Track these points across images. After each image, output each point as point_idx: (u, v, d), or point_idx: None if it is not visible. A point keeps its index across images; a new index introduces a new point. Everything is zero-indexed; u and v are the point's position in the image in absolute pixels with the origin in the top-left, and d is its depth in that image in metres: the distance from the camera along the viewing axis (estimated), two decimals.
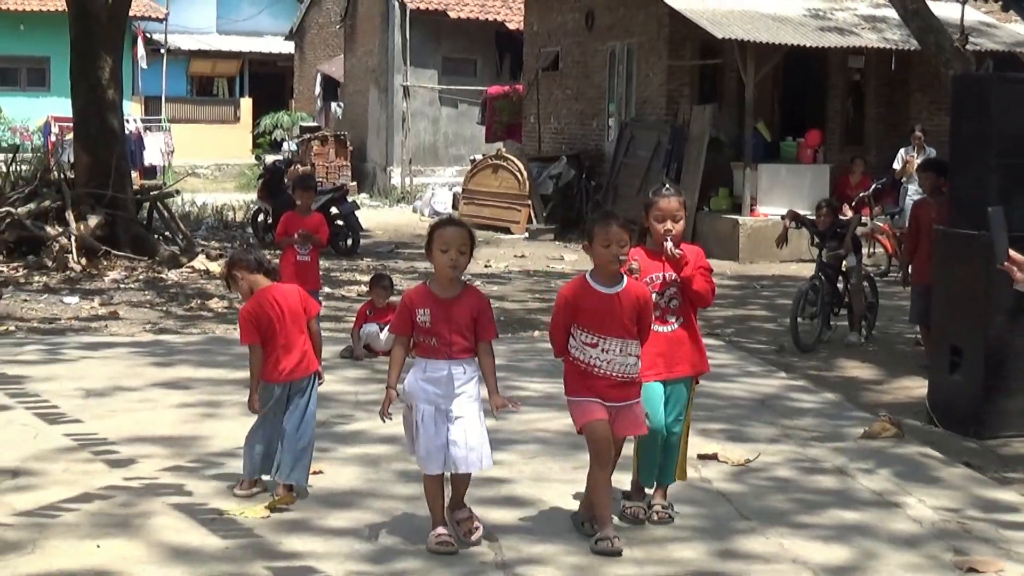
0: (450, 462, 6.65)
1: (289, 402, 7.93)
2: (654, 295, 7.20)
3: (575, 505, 7.72)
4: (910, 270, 13.17)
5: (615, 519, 7.09)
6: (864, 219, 17.16)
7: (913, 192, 18.57)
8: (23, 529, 7.29)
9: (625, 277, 6.82)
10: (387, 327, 12.77)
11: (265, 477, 7.96)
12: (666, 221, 7.08)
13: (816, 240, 14.36)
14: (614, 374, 6.73)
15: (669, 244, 7.04)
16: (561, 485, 8.28)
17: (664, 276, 7.18)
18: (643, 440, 7.29)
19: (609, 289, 6.72)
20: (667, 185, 7.78)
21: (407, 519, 7.60)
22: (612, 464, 6.97)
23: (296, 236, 12.41)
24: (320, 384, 8.20)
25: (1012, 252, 5.15)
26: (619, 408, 6.75)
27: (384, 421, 6.85)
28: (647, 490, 7.47)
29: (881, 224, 19.67)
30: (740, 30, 22.35)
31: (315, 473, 8.37)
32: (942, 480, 8.82)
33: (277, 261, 10.96)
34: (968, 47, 18.30)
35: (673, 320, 7.28)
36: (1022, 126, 10.33)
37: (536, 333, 14.16)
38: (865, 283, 14.42)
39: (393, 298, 13.32)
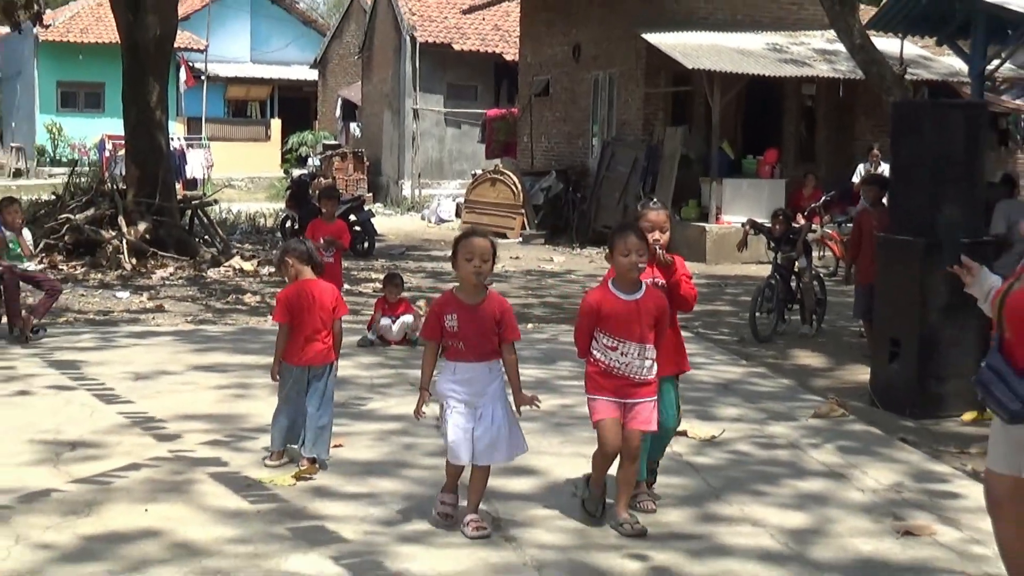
0: (476, 455, 6.52)
1: (309, 385, 7.93)
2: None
3: (565, 474, 7.75)
4: (854, 271, 13.17)
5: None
6: (815, 227, 17.14)
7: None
8: (81, 494, 7.34)
9: (644, 285, 6.63)
10: (399, 319, 12.81)
11: (292, 446, 8.00)
12: (655, 231, 6.85)
13: (772, 245, 14.38)
14: (632, 375, 6.56)
15: (661, 251, 6.86)
16: (551, 457, 8.29)
17: (653, 282, 6.91)
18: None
19: (630, 296, 6.54)
20: (654, 199, 7.75)
21: (416, 487, 7.63)
22: (612, 460, 6.73)
23: (322, 241, 12.37)
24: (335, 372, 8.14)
25: (965, 258, 5.16)
26: (635, 404, 6.58)
27: (418, 419, 6.79)
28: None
29: (830, 231, 19.68)
30: (708, 61, 22.35)
31: (336, 447, 8.38)
32: (883, 454, 8.83)
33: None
34: (907, 77, 18.32)
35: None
36: (952, 146, 10.35)
37: (530, 326, 14.10)
38: (815, 282, 14.42)
39: (404, 294, 13.33)
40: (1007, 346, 5.02)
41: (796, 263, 14.19)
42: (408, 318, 12.86)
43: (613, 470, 6.83)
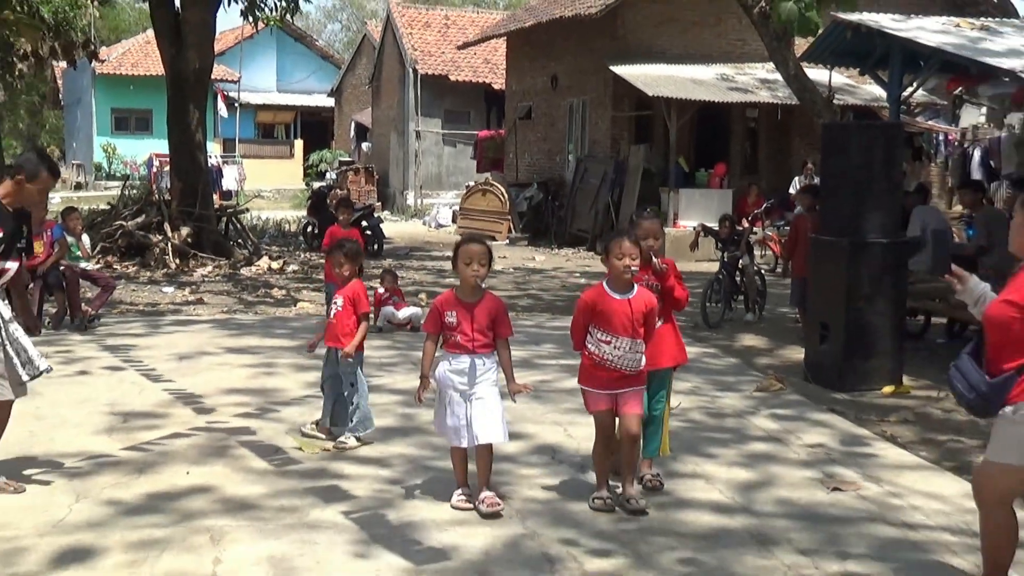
0: (471, 436, 6.28)
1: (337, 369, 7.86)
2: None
3: (547, 439, 7.76)
4: (790, 266, 13.20)
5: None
6: (756, 230, 17.16)
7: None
8: (135, 458, 7.38)
9: (636, 286, 6.32)
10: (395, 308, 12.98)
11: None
12: (648, 238, 6.63)
13: (719, 245, 14.42)
14: (623, 368, 6.25)
15: (657, 260, 6.67)
16: (534, 425, 8.32)
17: (648, 284, 6.64)
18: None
19: (622, 296, 6.23)
20: (648, 209, 7.61)
21: (418, 451, 7.65)
22: (611, 447, 6.46)
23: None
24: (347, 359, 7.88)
25: (956, 268, 5.08)
26: (626, 393, 6.29)
27: (419, 402, 6.68)
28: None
29: (770, 233, 19.71)
30: (666, 89, 22.38)
31: None
32: (815, 421, 8.88)
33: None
34: (835, 102, 18.34)
35: (657, 321, 6.65)
36: (874, 161, 10.37)
37: (512, 314, 14.11)
38: (757, 277, 14.46)
39: (410, 287, 13.41)
40: (985, 347, 4.87)
41: (740, 261, 14.24)
42: (415, 310, 12.97)
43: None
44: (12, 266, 6.34)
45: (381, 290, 13.18)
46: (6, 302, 6.38)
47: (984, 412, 4.78)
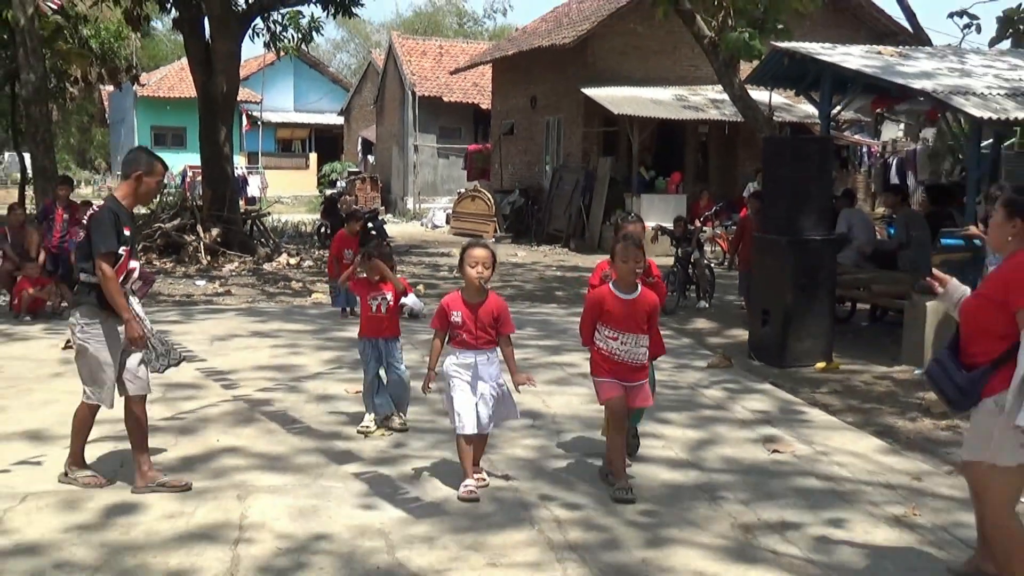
0: (480, 424, 5.94)
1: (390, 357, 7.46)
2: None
3: (530, 406, 7.77)
4: (736, 261, 13.23)
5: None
6: (706, 229, 17.21)
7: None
8: (168, 429, 7.37)
9: (640, 286, 6.00)
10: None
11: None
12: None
13: (674, 242, 14.44)
14: (629, 361, 5.90)
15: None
16: (515, 395, 8.34)
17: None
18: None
19: (628, 295, 5.90)
20: (632, 213, 7.26)
21: (418, 418, 7.67)
22: (625, 430, 6.09)
23: (348, 253, 12.50)
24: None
25: (936, 272, 4.85)
26: (633, 387, 5.94)
27: (426, 394, 6.32)
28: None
29: (719, 232, 19.78)
30: (629, 108, 22.38)
31: (356, 393, 8.42)
32: (757, 392, 8.93)
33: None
34: (774, 119, 18.43)
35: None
36: (807, 169, 10.42)
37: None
38: (707, 270, 14.48)
39: (408, 280, 13.32)
40: (962, 342, 4.50)
41: (692, 256, 14.28)
42: (412, 297, 12.93)
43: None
44: (135, 265, 6.00)
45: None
46: (138, 300, 6.06)
47: (961, 406, 4.35)
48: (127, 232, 5.88)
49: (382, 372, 7.47)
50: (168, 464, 6.43)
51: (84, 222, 13.02)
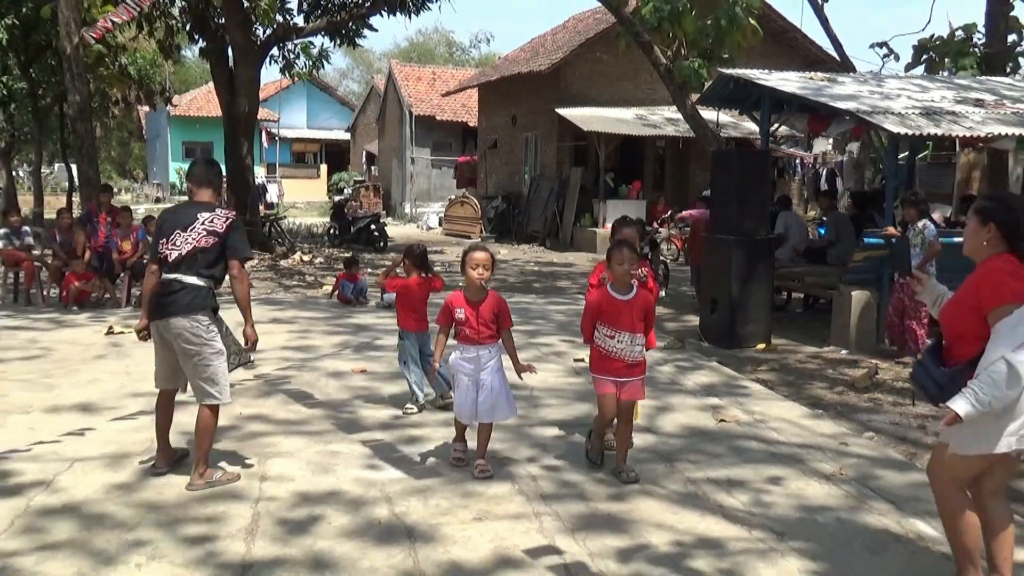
0: (480, 415, 5.65)
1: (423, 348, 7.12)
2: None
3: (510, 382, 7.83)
4: (689, 257, 13.24)
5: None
6: (662, 230, 17.20)
7: None
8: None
9: (635, 287, 5.65)
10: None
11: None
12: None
13: None
14: (626, 358, 5.56)
15: (641, 271, 5.99)
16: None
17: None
18: None
19: (624, 296, 5.56)
20: (628, 218, 6.83)
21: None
22: (608, 424, 5.77)
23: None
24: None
25: (916, 272, 4.51)
26: (628, 382, 5.58)
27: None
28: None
29: (674, 232, 19.82)
30: (597, 126, 22.36)
31: (361, 372, 8.39)
32: (706, 369, 8.95)
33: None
34: (721, 135, 18.45)
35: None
36: (750, 178, 10.47)
37: None
38: (662, 264, 14.51)
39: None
40: (944, 348, 4.17)
41: (650, 253, 14.28)
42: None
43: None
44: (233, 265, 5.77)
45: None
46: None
47: (941, 399, 3.99)
48: None
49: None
50: (189, 434, 6.36)
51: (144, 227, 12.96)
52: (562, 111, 23.63)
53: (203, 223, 5.51)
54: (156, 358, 5.68)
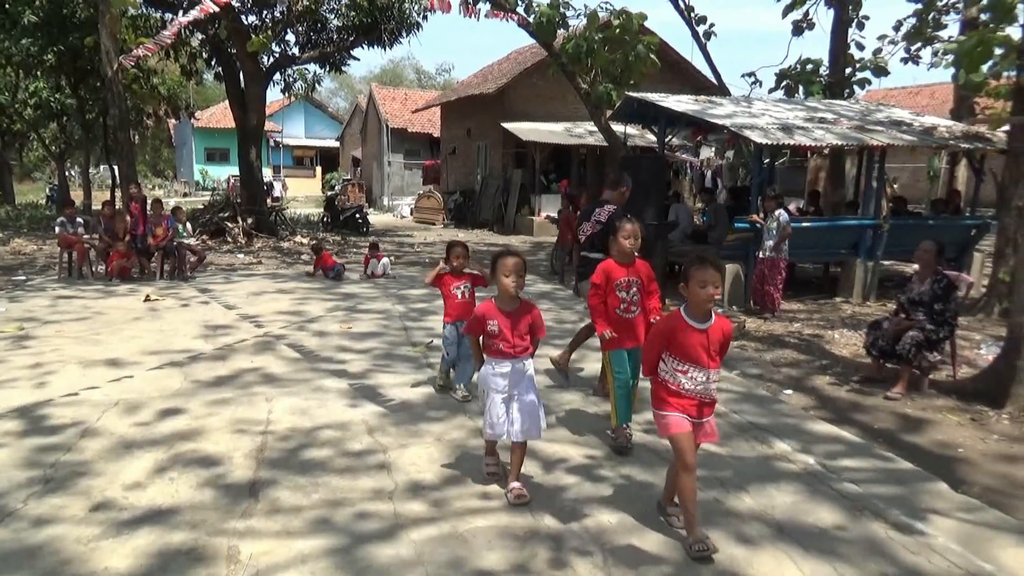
0: (514, 434, 4.11)
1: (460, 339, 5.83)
2: (622, 293, 4.85)
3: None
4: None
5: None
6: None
7: None
8: (217, 354, 7.21)
9: (714, 314, 3.71)
10: (380, 262, 12.64)
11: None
12: (629, 238, 4.88)
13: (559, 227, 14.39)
14: (698, 396, 3.66)
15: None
16: None
17: (630, 280, 4.88)
18: (619, 391, 4.86)
19: (701, 324, 3.66)
20: (628, 214, 5.47)
21: (388, 347, 7.59)
22: (695, 468, 3.68)
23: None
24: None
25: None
26: (700, 423, 3.69)
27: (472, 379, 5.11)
28: (624, 426, 4.89)
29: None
30: (534, 136, 22.27)
31: (348, 328, 8.27)
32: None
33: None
34: (629, 143, 18.46)
35: (635, 310, 4.84)
36: (650, 177, 10.48)
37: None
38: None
39: (380, 252, 13.12)
40: None
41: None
42: (385, 261, 12.77)
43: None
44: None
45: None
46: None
47: None
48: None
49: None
50: (211, 379, 6.29)
51: (166, 213, 12.63)
52: (506, 125, 23.49)
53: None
54: None
